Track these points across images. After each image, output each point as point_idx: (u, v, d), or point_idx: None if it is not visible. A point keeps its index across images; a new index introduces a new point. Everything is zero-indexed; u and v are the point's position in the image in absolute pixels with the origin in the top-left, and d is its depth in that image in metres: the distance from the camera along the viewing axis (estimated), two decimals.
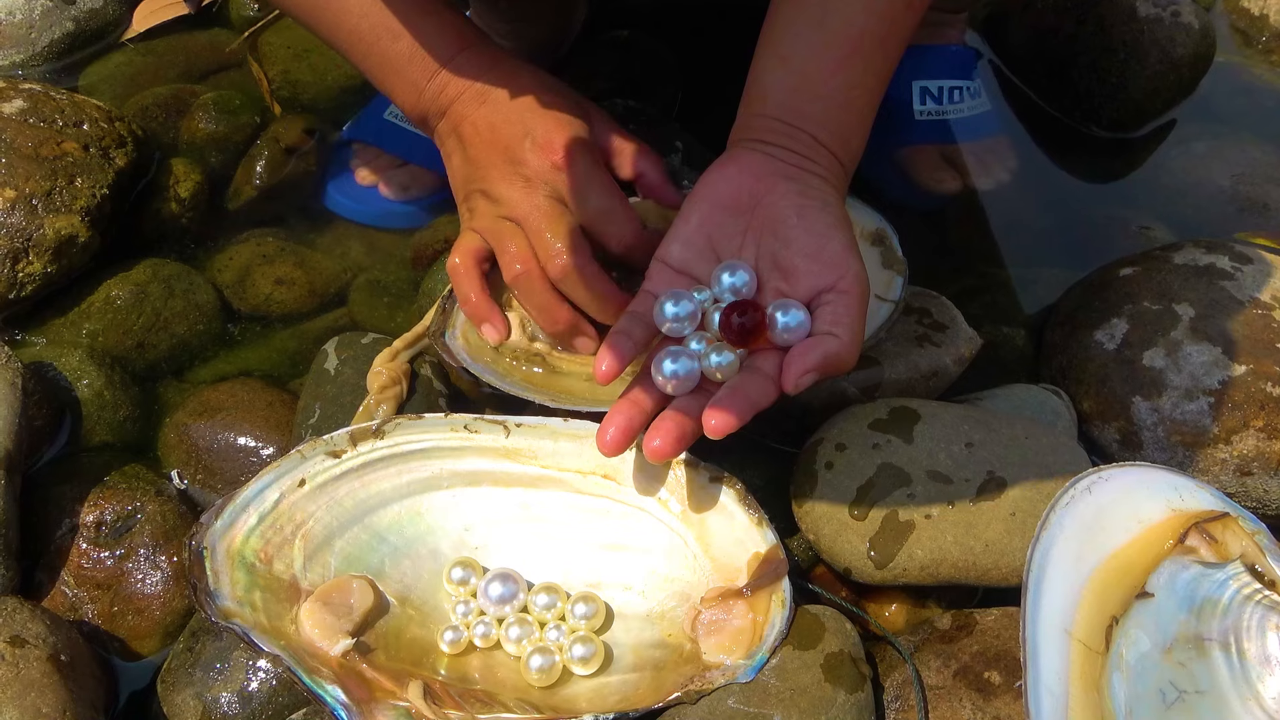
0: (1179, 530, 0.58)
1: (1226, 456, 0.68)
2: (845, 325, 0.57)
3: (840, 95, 0.62)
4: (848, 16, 0.62)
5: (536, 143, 0.68)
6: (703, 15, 1.03)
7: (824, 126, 0.62)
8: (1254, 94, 1.03)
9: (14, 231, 0.78)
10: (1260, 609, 0.54)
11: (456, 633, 0.60)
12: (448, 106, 0.71)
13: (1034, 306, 0.84)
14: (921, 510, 0.61)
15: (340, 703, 0.55)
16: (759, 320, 0.58)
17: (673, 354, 0.58)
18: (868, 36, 0.62)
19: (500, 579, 0.61)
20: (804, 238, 0.59)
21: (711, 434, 0.55)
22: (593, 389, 0.67)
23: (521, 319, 0.70)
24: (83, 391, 0.75)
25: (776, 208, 0.60)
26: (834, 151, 0.62)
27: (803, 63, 0.63)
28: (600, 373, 0.57)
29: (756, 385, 0.56)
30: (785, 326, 0.58)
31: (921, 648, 0.60)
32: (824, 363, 0.56)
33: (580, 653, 0.59)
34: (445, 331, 0.70)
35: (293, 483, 0.63)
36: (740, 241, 0.61)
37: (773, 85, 0.63)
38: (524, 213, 0.67)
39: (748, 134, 0.63)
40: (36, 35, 1.00)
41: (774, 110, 0.62)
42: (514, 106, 0.70)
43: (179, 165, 0.89)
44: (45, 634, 0.59)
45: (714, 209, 0.62)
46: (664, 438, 0.56)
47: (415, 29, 0.70)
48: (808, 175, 0.61)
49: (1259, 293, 0.74)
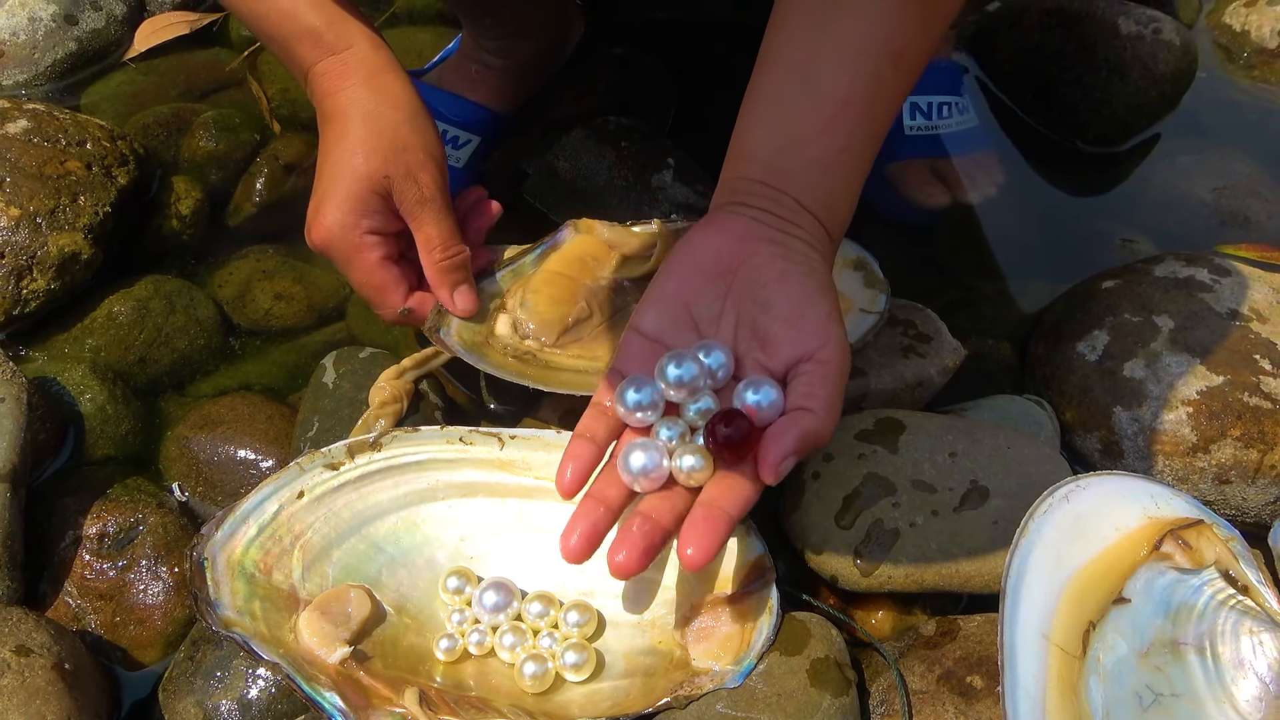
0: (1155, 537, 0.59)
1: (1205, 465, 0.70)
2: (821, 398, 0.54)
3: (826, 159, 0.60)
4: (833, 79, 0.59)
5: (314, 211, 0.69)
6: (698, 33, 1.05)
7: (808, 191, 0.59)
8: (1237, 108, 1.05)
9: (18, 249, 0.79)
10: (1234, 614, 0.56)
11: (452, 641, 0.61)
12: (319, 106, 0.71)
13: (1019, 318, 0.85)
14: (906, 519, 0.63)
15: (338, 709, 0.56)
16: (748, 433, 0.54)
17: (641, 447, 0.55)
18: (855, 100, 0.59)
19: (495, 588, 0.62)
20: (784, 304, 0.57)
21: (689, 566, 0.52)
22: (581, 380, 0.69)
23: (514, 319, 0.72)
24: (86, 406, 0.76)
25: (758, 271, 0.58)
26: (819, 217, 0.60)
27: (787, 125, 0.60)
28: (562, 488, 0.55)
29: (734, 494, 0.54)
30: (756, 405, 0.54)
31: (906, 653, 0.61)
32: (801, 444, 0.53)
33: (573, 660, 0.60)
34: (441, 328, 0.72)
35: (291, 494, 0.64)
36: (720, 308, 0.59)
37: (756, 147, 0.61)
38: None
39: (730, 197, 0.61)
40: (40, 55, 1.01)
41: (757, 173, 0.60)
42: (325, 155, 0.69)
43: (180, 183, 0.91)
44: (50, 643, 0.60)
45: (693, 273, 0.59)
46: (629, 551, 0.52)
47: (285, 34, 0.69)
48: (791, 239, 0.59)
49: (1237, 305, 0.75)
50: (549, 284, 0.74)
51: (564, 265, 0.75)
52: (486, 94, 0.93)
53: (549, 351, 0.71)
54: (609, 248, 0.77)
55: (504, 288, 0.75)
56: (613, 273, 0.75)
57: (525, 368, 0.70)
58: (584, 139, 0.89)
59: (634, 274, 0.75)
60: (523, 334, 0.72)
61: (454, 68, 0.95)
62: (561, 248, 0.76)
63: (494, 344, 0.71)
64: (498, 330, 0.73)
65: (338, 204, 0.68)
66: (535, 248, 0.77)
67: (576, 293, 0.74)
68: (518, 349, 0.71)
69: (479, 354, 0.70)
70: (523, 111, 0.96)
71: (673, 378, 0.55)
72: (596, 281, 0.75)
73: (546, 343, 0.71)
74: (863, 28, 0.59)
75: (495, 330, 0.73)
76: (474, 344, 0.71)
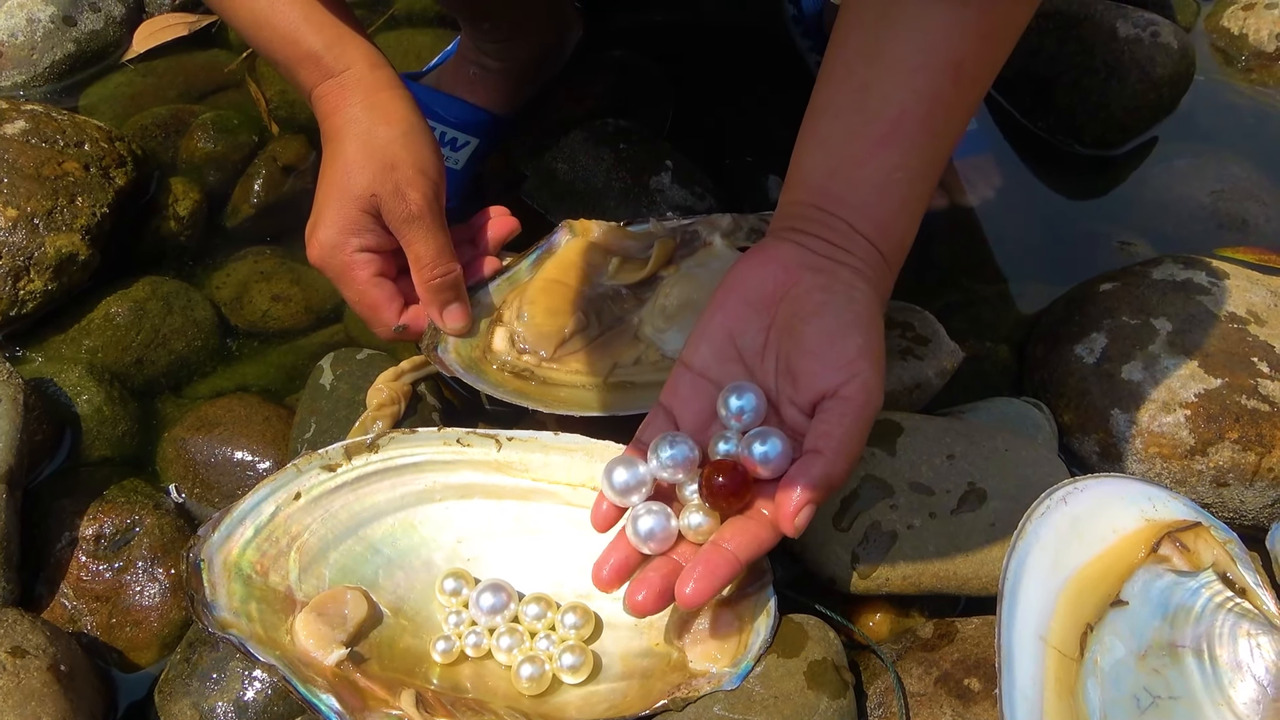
0: (1152, 540, 0.59)
1: (1203, 468, 0.70)
2: (835, 438, 0.53)
3: (878, 178, 0.58)
4: (886, 95, 0.57)
5: (309, 231, 0.69)
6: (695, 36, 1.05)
7: (860, 212, 0.58)
8: (1235, 112, 1.05)
9: (16, 250, 0.79)
10: (1232, 616, 0.55)
11: (449, 643, 0.61)
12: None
13: (1017, 321, 0.85)
14: (904, 521, 0.63)
15: (334, 711, 0.56)
16: (741, 481, 0.55)
17: (649, 511, 0.56)
18: (908, 117, 0.57)
19: (492, 590, 0.62)
20: (815, 337, 0.55)
21: (683, 605, 0.53)
22: (580, 396, 0.69)
23: (510, 333, 0.72)
24: (82, 407, 0.76)
25: (797, 303, 0.57)
26: (872, 240, 0.58)
27: (839, 145, 0.59)
28: (595, 521, 0.57)
29: (747, 537, 0.54)
30: (763, 458, 0.55)
31: (904, 656, 0.61)
32: (814, 492, 0.53)
33: (569, 662, 0.60)
34: (438, 345, 0.71)
35: (288, 496, 0.64)
36: (764, 340, 0.58)
37: (810, 169, 0.60)
38: None
39: (783, 222, 0.60)
40: (38, 57, 1.01)
41: (810, 196, 0.59)
42: (321, 175, 0.70)
43: (178, 184, 0.91)
44: (45, 645, 0.60)
45: (739, 304, 0.58)
46: (648, 591, 0.54)
47: (287, 59, 0.70)
48: (837, 266, 0.57)
49: (1234, 307, 0.75)
50: (546, 293, 0.74)
51: (560, 272, 0.75)
52: (485, 96, 0.93)
53: (547, 367, 0.71)
54: (606, 251, 0.76)
55: (500, 297, 0.74)
56: (610, 278, 0.75)
57: (524, 384, 0.70)
58: (582, 141, 0.89)
59: (632, 279, 0.75)
60: (520, 349, 0.71)
61: (452, 70, 0.95)
62: (557, 252, 0.76)
63: (491, 359, 0.71)
64: (494, 345, 0.72)
65: (329, 223, 0.68)
66: (531, 253, 0.76)
67: (574, 302, 0.73)
68: (515, 365, 0.71)
69: (477, 371, 0.70)
70: (521, 113, 0.96)
71: (665, 458, 0.56)
72: (594, 289, 0.75)
73: (545, 357, 0.71)
74: (918, 41, 0.57)
75: (492, 345, 0.72)
76: (472, 360, 0.71)
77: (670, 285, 0.74)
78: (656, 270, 0.75)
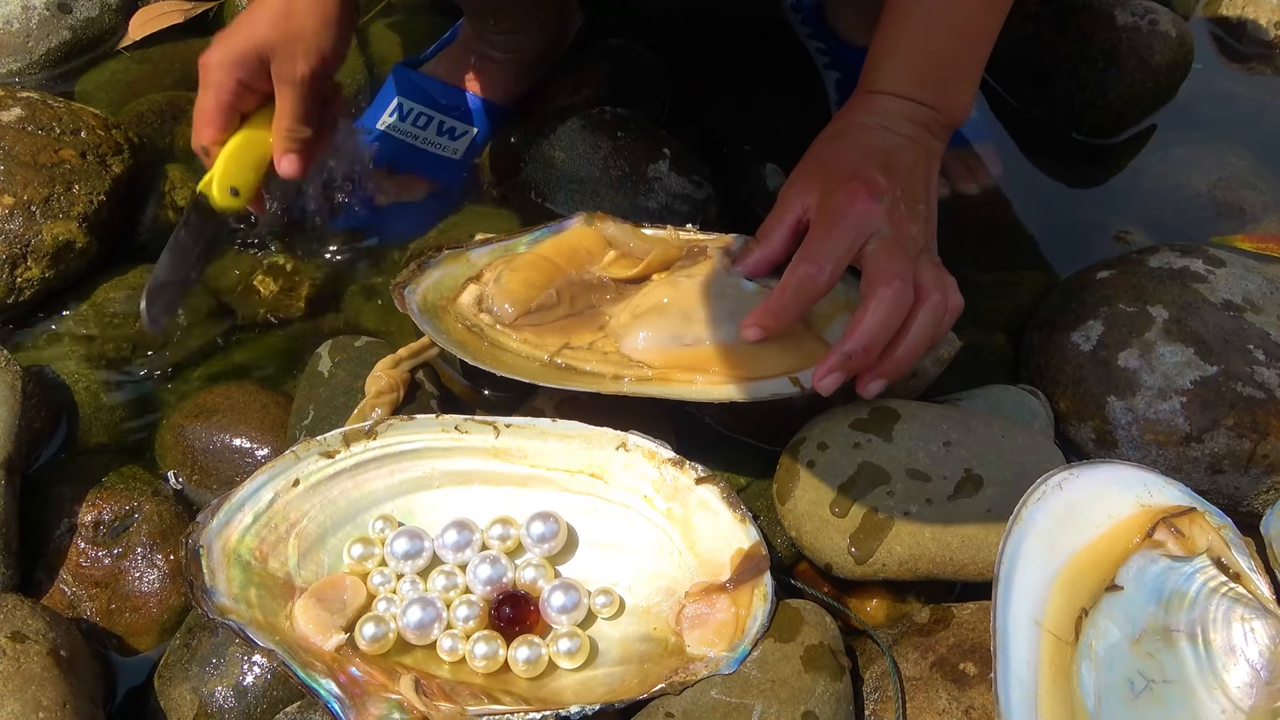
0: (1148, 525, 0.59)
1: (1199, 454, 0.70)
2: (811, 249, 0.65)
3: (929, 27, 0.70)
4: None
5: (214, 41, 0.76)
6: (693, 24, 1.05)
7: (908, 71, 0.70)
8: (1233, 100, 1.05)
9: (13, 238, 0.79)
10: (1226, 601, 0.56)
11: (379, 626, 0.60)
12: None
13: (1014, 309, 0.85)
14: (900, 507, 0.63)
15: (334, 696, 0.56)
16: (527, 613, 0.62)
17: (420, 602, 0.61)
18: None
19: (407, 535, 0.63)
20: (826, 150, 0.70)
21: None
22: (520, 364, 0.70)
23: (481, 293, 0.73)
24: (80, 394, 0.76)
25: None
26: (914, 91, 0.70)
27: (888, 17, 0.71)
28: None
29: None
30: (562, 609, 0.61)
31: (900, 640, 0.62)
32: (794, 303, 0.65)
33: (565, 646, 0.60)
34: (408, 285, 0.73)
35: (287, 482, 0.64)
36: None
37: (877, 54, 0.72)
38: None
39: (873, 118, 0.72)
40: (33, 44, 1.01)
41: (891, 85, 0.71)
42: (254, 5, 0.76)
43: (175, 171, 0.90)
44: (45, 630, 0.60)
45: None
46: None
47: None
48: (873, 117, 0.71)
49: (1231, 295, 0.76)
50: (531, 266, 0.74)
51: (555, 252, 0.75)
52: (486, 86, 0.93)
53: (500, 330, 0.71)
54: (607, 245, 0.76)
55: (487, 261, 0.75)
56: (601, 269, 0.75)
57: (471, 339, 0.71)
58: (580, 129, 0.89)
59: (623, 275, 0.75)
60: (485, 307, 0.73)
61: (454, 58, 0.95)
62: (560, 235, 0.76)
63: (452, 311, 0.73)
64: (461, 299, 0.74)
65: (226, 47, 0.75)
66: (538, 229, 0.77)
67: (554, 280, 0.74)
68: (471, 321, 0.72)
69: (432, 316, 0.72)
70: (520, 103, 0.96)
71: (450, 543, 0.63)
72: (581, 275, 0.75)
73: (504, 322, 0.72)
74: None
75: (458, 299, 0.74)
76: (433, 306, 0.72)
77: (652, 286, 0.74)
78: (649, 271, 0.75)
